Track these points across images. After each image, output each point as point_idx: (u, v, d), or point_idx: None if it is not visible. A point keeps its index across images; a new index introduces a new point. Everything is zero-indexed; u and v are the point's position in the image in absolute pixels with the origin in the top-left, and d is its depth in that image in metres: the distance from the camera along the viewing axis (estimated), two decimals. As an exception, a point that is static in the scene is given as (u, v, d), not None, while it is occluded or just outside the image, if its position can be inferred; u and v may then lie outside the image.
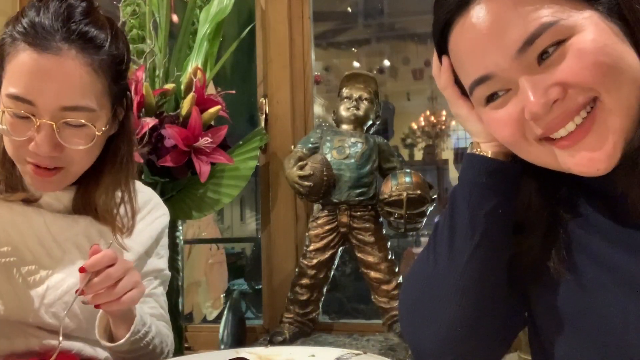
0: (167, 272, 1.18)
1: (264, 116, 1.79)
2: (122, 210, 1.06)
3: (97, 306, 0.91)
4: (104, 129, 0.97)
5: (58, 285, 0.99)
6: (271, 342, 1.50)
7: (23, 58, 0.90)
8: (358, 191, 1.53)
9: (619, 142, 0.66)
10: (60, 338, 0.91)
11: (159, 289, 1.16)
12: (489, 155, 0.77)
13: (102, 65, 0.94)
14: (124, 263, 0.91)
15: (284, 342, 1.49)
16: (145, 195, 1.15)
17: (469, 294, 0.75)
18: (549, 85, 0.65)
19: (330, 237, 1.56)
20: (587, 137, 0.66)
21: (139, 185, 1.14)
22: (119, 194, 1.05)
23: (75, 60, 0.91)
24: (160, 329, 1.06)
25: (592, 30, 0.65)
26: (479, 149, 0.78)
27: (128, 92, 1.04)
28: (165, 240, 1.19)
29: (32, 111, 0.91)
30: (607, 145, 0.66)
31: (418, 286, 0.81)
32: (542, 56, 0.66)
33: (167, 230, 1.19)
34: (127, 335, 0.95)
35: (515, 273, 0.81)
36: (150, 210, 1.15)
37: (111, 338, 0.98)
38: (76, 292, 0.89)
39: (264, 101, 1.80)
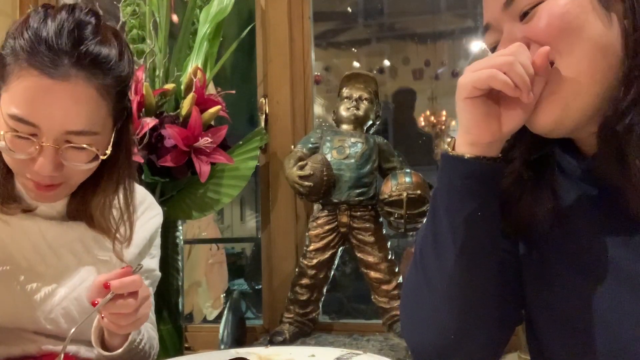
0: (158, 273, 1.17)
1: (264, 116, 1.79)
2: (119, 218, 1.04)
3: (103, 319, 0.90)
4: (107, 152, 0.96)
5: (55, 292, 0.99)
6: (271, 342, 1.50)
7: (28, 80, 0.86)
8: (358, 191, 1.53)
9: (569, 108, 0.70)
10: (67, 343, 0.90)
11: (149, 289, 1.15)
12: (465, 156, 0.72)
13: (109, 89, 0.92)
14: (144, 291, 0.91)
15: (284, 342, 1.49)
16: (139, 196, 1.13)
17: (458, 303, 0.74)
18: (517, 38, 0.72)
19: (330, 237, 1.56)
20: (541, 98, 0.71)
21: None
22: (116, 202, 1.04)
23: (83, 86, 0.88)
24: (150, 333, 1.07)
25: None
26: (453, 149, 0.75)
27: (129, 104, 1.02)
28: (158, 241, 1.18)
29: (34, 132, 0.88)
30: (554, 109, 0.70)
31: (411, 294, 0.81)
32: (523, 15, 0.72)
33: (160, 230, 1.18)
34: (126, 345, 0.96)
35: (510, 271, 0.81)
36: (144, 210, 1.14)
37: (103, 343, 0.99)
38: (93, 304, 0.87)
39: (264, 101, 1.80)
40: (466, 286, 0.74)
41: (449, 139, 0.76)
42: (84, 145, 0.91)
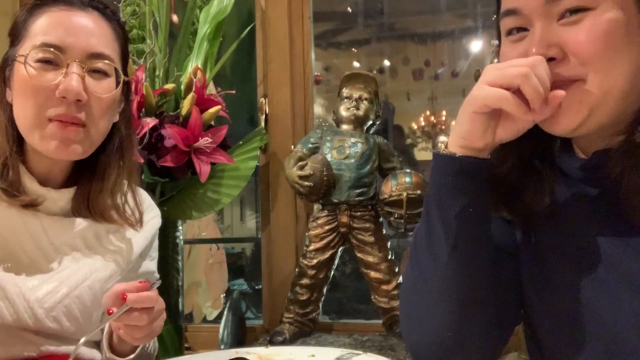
0: (157, 275, 1.18)
1: (264, 116, 1.79)
2: (127, 206, 1.07)
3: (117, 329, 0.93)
4: (125, 78, 1.04)
5: (57, 289, 0.98)
6: (271, 342, 1.50)
7: (52, 14, 0.97)
8: (358, 191, 1.53)
9: (592, 117, 0.70)
10: (76, 350, 0.92)
11: (164, 304, 1.16)
12: (456, 154, 0.74)
13: (118, 33, 1.04)
14: (160, 305, 0.93)
15: (284, 342, 1.49)
16: (138, 196, 1.14)
17: (454, 299, 0.75)
18: (553, 43, 0.69)
19: (330, 237, 1.56)
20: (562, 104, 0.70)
21: None
22: (118, 199, 1.06)
23: (99, 18, 1.01)
24: None
25: (611, 13, 0.68)
26: (445, 148, 0.77)
27: (131, 85, 1.09)
28: (156, 243, 1.19)
29: (60, 58, 0.96)
30: (577, 116, 0.70)
31: (409, 293, 0.81)
32: (564, 15, 0.69)
33: (158, 232, 1.19)
34: (138, 351, 0.98)
35: (506, 268, 0.81)
36: (143, 210, 1.14)
37: (111, 346, 1.00)
38: (108, 312, 0.89)
39: (264, 101, 1.80)
40: (461, 282, 0.74)
41: (440, 143, 0.78)
42: (105, 69, 1.00)
